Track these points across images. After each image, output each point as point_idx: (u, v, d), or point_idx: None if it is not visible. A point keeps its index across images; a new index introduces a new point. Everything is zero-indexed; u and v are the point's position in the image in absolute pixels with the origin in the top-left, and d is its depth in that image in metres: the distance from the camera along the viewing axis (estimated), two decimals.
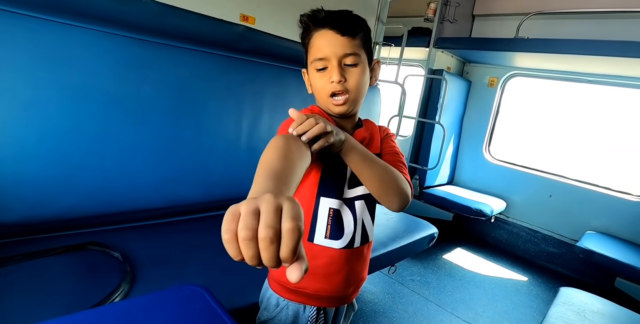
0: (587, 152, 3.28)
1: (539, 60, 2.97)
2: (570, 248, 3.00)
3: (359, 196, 0.86)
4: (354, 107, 0.85)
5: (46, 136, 1.27)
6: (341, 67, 0.80)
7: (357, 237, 0.87)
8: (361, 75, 0.82)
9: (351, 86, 0.81)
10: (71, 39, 1.29)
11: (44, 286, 1.08)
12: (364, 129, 0.93)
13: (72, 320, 0.66)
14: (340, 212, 0.84)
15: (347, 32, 0.78)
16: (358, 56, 0.81)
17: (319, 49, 0.80)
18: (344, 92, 0.81)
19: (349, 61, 0.80)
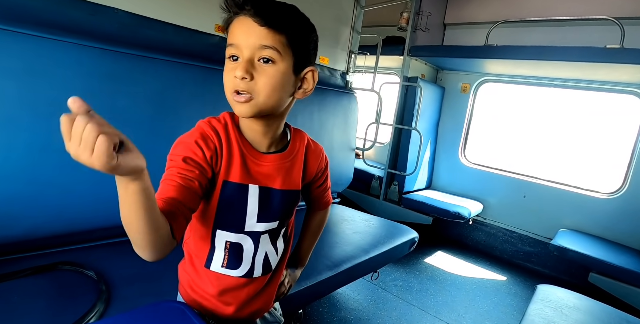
0: (557, 153, 3.40)
1: (508, 66, 3.09)
2: (545, 246, 3.09)
3: (266, 231, 0.82)
4: (260, 112, 0.71)
5: (13, 152, 1.21)
6: (251, 62, 0.67)
7: (258, 268, 0.83)
8: (275, 77, 0.69)
9: (259, 88, 0.68)
10: (39, 51, 1.25)
11: (13, 311, 1.03)
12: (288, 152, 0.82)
13: None
14: (239, 244, 0.80)
15: (269, 22, 0.66)
16: (277, 53, 0.68)
17: (232, 35, 0.69)
18: (247, 92, 0.68)
19: (264, 54, 0.67)
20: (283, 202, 0.82)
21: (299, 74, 0.75)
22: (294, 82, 0.74)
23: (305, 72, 0.76)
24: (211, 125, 0.75)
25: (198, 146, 0.70)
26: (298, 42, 0.71)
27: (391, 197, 3.41)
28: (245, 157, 0.76)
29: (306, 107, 2.28)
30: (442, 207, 3.06)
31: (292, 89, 0.75)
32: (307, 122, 2.29)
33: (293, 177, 0.83)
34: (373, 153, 4.15)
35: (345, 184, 2.73)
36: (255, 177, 0.77)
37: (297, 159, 0.84)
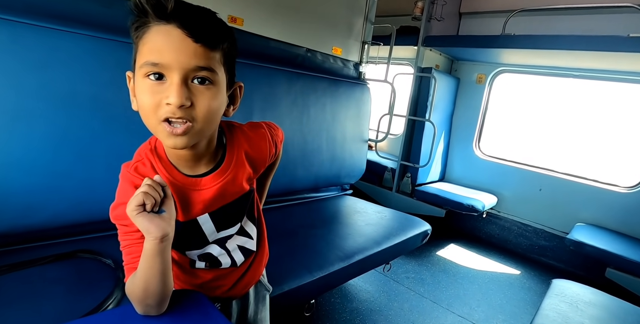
0: (575, 145, 3.32)
1: (526, 56, 3.01)
2: (561, 241, 3.04)
3: (230, 234, 0.81)
4: (198, 140, 0.64)
5: (33, 143, 1.24)
6: (186, 85, 0.57)
7: (239, 257, 0.84)
8: (214, 98, 0.61)
9: (198, 114, 0.59)
10: (56, 43, 1.27)
11: (35, 296, 1.06)
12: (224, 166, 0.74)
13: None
14: (209, 253, 0.80)
15: (203, 37, 0.56)
16: (214, 73, 0.60)
17: (155, 50, 0.56)
18: (186, 121, 0.59)
19: (200, 75, 0.58)
20: (238, 208, 0.80)
21: (229, 91, 0.69)
22: (225, 99, 0.67)
23: (234, 88, 0.71)
24: (140, 174, 0.68)
25: None
26: (230, 57, 0.65)
27: (404, 189, 3.39)
28: (184, 193, 0.70)
29: (319, 99, 2.27)
30: (456, 200, 3.03)
31: (223, 107, 0.67)
32: (319, 114, 2.29)
33: (239, 183, 0.77)
34: (386, 145, 4.12)
35: (357, 176, 2.72)
36: (201, 206, 0.73)
37: (238, 165, 0.76)
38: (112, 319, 0.70)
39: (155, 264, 0.61)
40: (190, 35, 0.55)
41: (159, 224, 0.59)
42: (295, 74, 2.12)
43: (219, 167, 0.73)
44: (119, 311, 0.73)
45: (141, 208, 0.58)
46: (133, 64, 0.62)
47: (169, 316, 0.71)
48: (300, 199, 2.35)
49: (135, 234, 0.65)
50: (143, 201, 0.58)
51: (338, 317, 1.97)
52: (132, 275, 0.66)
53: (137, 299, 0.66)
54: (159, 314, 0.70)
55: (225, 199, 0.76)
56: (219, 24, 0.61)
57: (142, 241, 0.63)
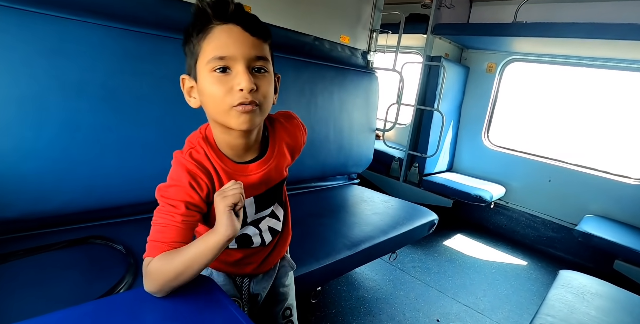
0: (586, 136, 3.28)
1: (538, 44, 2.95)
2: (569, 232, 3.02)
3: (264, 216, 0.88)
4: (261, 122, 0.74)
5: (44, 131, 1.26)
6: (250, 72, 0.67)
7: (267, 237, 0.90)
8: (270, 85, 0.71)
9: (261, 97, 0.68)
10: (66, 32, 1.27)
11: (48, 281, 1.09)
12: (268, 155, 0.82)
13: (78, 311, 0.68)
14: (245, 233, 0.86)
15: (258, 32, 0.68)
16: (267, 62, 0.70)
17: (221, 46, 0.65)
18: (254, 103, 0.67)
19: (258, 64, 0.68)
20: (276, 193, 0.88)
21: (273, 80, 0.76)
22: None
23: (275, 79, 0.77)
24: (194, 160, 0.74)
25: (193, 189, 0.72)
26: (272, 49, 0.74)
27: (411, 179, 3.39)
28: (233, 178, 0.76)
29: (326, 88, 2.26)
30: (463, 190, 3.02)
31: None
32: (327, 103, 2.28)
33: (280, 170, 0.86)
34: (393, 134, 4.10)
35: (365, 165, 2.72)
36: (248, 191, 0.78)
37: (281, 153, 0.85)
38: (124, 302, 0.72)
39: (209, 256, 0.66)
40: (248, 31, 0.66)
41: (237, 225, 0.65)
42: (302, 62, 2.11)
43: (264, 155, 0.81)
44: (131, 294, 0.75)
45: (233, 206, 0.65)
46: (191, 67, 0.71)
47: (181, 302, 0.73)
48: (308, 188, 2.36)
49: (177, 217, 0.70)
50: (237, 201, 0.64)
51: (344, 304, 2.00)
52: (164, 255, 0.69)
53: (162, 279, 0.68)
54: (163, 297, 0.72)
55: (268, 184, 0.83)
56: (263, 23, 0.71)
57: (181, 225, 0.70)
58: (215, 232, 0.65)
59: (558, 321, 1.29)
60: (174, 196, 0.71)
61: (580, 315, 1.34)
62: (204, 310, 0.72)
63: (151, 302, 0.72)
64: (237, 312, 0.72)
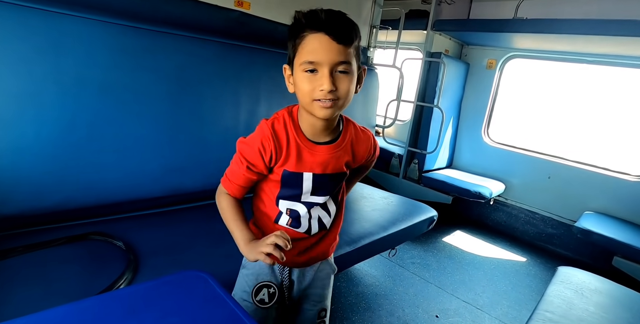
0: (586, 133, 3.27)
1: (538, 41, 2.94)
2: (569, 229, 3.03)
3: (318, 202, 0.97)
4: (339, 113, 0.88)
5: (43, 127, 1.26)
6: (332, 75, 0.80)
7: (314, 227, 0.99)
8: (350, 83, 0.83)
9: (341, 94, 0.82)
10: (63, 28, 1.27)
11: (48, 277, 1.09)
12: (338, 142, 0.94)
13: (78, 307, 0.68)
14: (296, 211, 0.96)
15: (343, 40, 0.78)
16: (350, 65, 0.81)
17: (312, 52, 0.78)
18: (332, 99, 0.81)
19: (341, 69, 0.80)
20: (333, 183, 0.97)
21: (357, 74, 0.86)
22: (356, 81, 0.86)
23: (361, 70, 0.88)
24: (273, 128, 0.88)
25: (260, 155, 0.87)
26: (358, 50, 0.84)
27: (411, 175, 3.39)
28: (302, 150, 0.89)
29: None
30: (463, 187, 3.02)
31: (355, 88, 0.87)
32: None
33: (341, 163, 0.95)
34: (393, 131, 4.10)
35: None
36: (310, 166, 0.91)
37: (346, 148, 0.95)
38: (123, 298, 0.72)
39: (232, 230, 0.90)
40: (334, 39, 0.77)
41: (255, 257, 0.82)
42: None
43: (334, 142, 0.93)
44: (130, 290, 0.75)
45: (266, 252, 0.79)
46: (290, 60, 0.84)
47: (181, 297, 0.73)
48: None
49: (243, 169, 0.88)
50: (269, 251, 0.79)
51: (344, 300, 2.01)
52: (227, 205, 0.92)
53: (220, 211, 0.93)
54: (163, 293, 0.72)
55: (327, 169, 0.93)
56: (351, 26, 0.80)
57: (245, 175, 0.89)
58: (241, 241, 0.86)
59: (557, 317, 1.30)
60: (244, 152, 0.88)
61: (578, 311, 1.35)
62: (204, 306, 0.72)
63: (151, 298, 0.72)
64: (236, 308, 0.72)
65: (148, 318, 0.66)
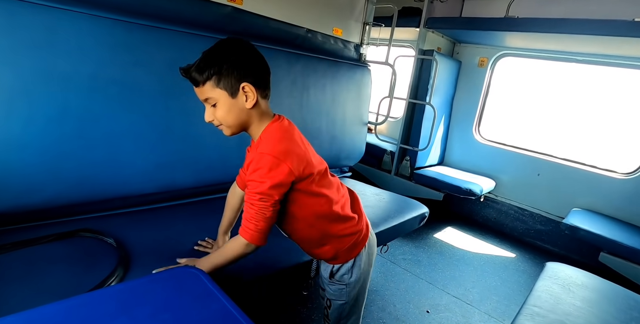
0: (575, 131, 3.32)
1: (529, 39, 2.97)
2: (557, 225, 3.08)
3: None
4: (236, 130, 1.05)
5: (31, 123, 1.23)
6: (208, 105, 1.01)
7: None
8: (222, 109, 0.99)
9: (219, 120, 1.01)
10: (53, 22, 1.24)
11: (38, 274, 1.08)
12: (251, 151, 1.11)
13: (70, 304, 0.67)
14: None
15: (196, 84, 0.98)
16: (212, 98, 0.98)
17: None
18: (219, 124, 1.03)
19: (208, 102, 1.00)
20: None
21: (236, 95, 0.98)
22: (238, 101, 0.99)
23: (241, 88, 0.98)
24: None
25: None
26: (222, 76, 0.96)
27: (403, 172, 3.41)
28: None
29: (319, 80, 2.25)
30: (454, 184, 3.05)
31: (241, 106, 1.00)
32: (319, 95, 2.27)
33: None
34: (385, 128, 4.11)
35: (356, 158, 2.72)
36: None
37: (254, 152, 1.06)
38: (115, 295, 0.71)
39: None
40: (194, 85, 1.00)
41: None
42: (295, 54, 2.09)
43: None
44: (122, 286, 0.75)
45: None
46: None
47: (173, 294, 0.73)
48: None
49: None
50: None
51: None
52: None
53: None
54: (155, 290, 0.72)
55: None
56: (207, 66, 0.96)
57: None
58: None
59: (544, 311, 1.32)
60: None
61: (566, 306, 1.38)
62: (196, 301, 0.72)
63: (143, 294, 0.72)
64: (228, 303, 0.72)
65: (141, 314, 0.66)
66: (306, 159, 1.03)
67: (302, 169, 1.00)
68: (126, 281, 0.75)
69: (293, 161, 0.98)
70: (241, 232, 1.00)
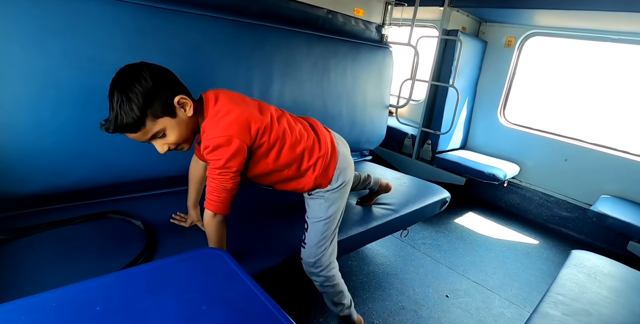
0: (607, 114, 3.18)
1: (561, 17, 2.81)
2: (584, 212, 2.99)
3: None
4: (191, 140, 1.11)
5: (60, 108, 1.27)
6: (156, 140, 1.03)
7: None
8: (172, 133, 1.03)
9: (175, 143, 1.05)
10: (78, 8, 1.26)
11: (70, 253, 1.13)
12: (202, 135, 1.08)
13: (102, 281, 0.70)
14: None
15: (135, 130, 0.97)
16: (159, 130, 1.00)
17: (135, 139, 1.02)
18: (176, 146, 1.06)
19: (155, 138, 1.02)
20: None
21: (173, 112, 1.01)
22: (179, 116, 1.03)
23: (176, 102, 1.01)
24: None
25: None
26: (152, 113, 0.97)
27: (424, 156, 3.36)
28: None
29: (339, 62, 2.21)
30: (477, 168, 2.99)
31: (184, 118, 1.04)
32: (340, 78, 2.24)
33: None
34: (407, 111, 4.04)
35: (377, 142, 2.70)
36: None
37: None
38: (143, 274, 0.74)
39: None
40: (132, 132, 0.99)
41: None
42: (315, 36, 2.06)
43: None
44: (149, 266, 0.77)
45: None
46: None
47: (198, 274, 0.75)
48: None
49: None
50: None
51: (355, 279, 2.04)
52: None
53: None
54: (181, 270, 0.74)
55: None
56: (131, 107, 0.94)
57: None
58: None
59: (569, 300, 1.30)
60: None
61: (591, 295, 1.35)
62: (220, 282, 0.74)
63: (169, 274, 0.74)
64: (251, 284, 0.74)
65: (168, 293, 0.68)
66: (247, 121, 1.06)
67: (249, 133, 1.06)
68: (154, 261, 0.77)
69: (238, 132, 1.03)
70: (206, 205, 1.08)
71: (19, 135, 1.22)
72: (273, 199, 1.71)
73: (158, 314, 0.63)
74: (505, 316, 1.93)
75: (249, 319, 0.65)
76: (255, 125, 1.06)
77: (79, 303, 0.63)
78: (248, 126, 1.05)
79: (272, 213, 1.58)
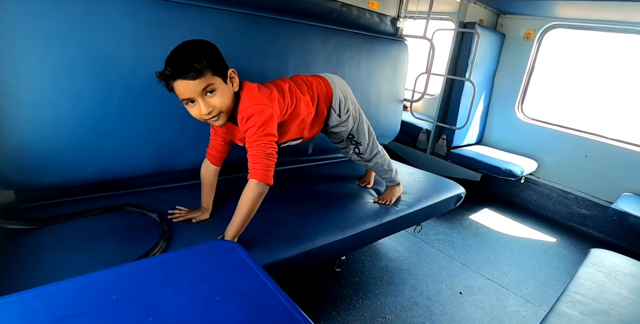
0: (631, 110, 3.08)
1: (584, 8, 2.72)
2: (604, 210, 2.92)
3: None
4: (228, 116, 1.15)
5: (79, 101, 1.29)
6: (204, 97, 1.06)
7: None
8: (220, 96, 1.08)
9: (219, 107, 1.09)
10: (95, 3, 1.27)
11: (89, 243, 1.16)
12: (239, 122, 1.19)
13: (119, 271, 0.71)
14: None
15: (194, 77, 1.01)
16: (211, 84, 1.05)
17: (182, 94, 1.04)
18: (215, 114, 1.10)
19: (207, 90, 1.05)
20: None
21: (227, 80, 1.11)
22: (229, 86, 1.12)
23: (229, 74, 1.12)
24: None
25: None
26: (214, 65, 1.05)
27: (438, 151, 3.32)
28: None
29: (354, 56, 2.19)
30: (493, 164, 2.94)
31: (230, 90, 1.13)
32: (354, 72, 2.22)
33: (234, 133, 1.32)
34: (421, 105, 3.99)
35: (391, 136, 2.67)
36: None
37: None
38: (158, 264, 0.75)
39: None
40: (189, 79, 1.02)
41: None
42: (329, 30, 2.04)
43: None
44: (164, 257, 0.78)
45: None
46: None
47: (212, 266, 0.76)
48: (333, 159, 2.36)
49: None
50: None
51: (367, 273, 2.04)
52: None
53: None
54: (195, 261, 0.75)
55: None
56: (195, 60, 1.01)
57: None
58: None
59: (587, 299, 1.27)
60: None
61: (610, 295, 1.31)
62: (233, 274, 0.74)
63: (184, 265, 0.75)
64: (264, 277, 0.74)
65: (182, 284, 0.69)
66: (275, 97, 1.25)
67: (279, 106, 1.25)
68: (168, 252, 0.79)
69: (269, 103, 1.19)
70: (251, 176, 1.12)
71: (40, 128, 1.24)
72: (285, 191, 1.71)
73: (172, 304, 0.64)
74: (521, 314, 1.90)
75: (260, 310, 0.66)
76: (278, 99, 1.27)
77: (96, 292, 0.65)
78: (274, 99, 1.24)
79: (284, 205, 1.59)
